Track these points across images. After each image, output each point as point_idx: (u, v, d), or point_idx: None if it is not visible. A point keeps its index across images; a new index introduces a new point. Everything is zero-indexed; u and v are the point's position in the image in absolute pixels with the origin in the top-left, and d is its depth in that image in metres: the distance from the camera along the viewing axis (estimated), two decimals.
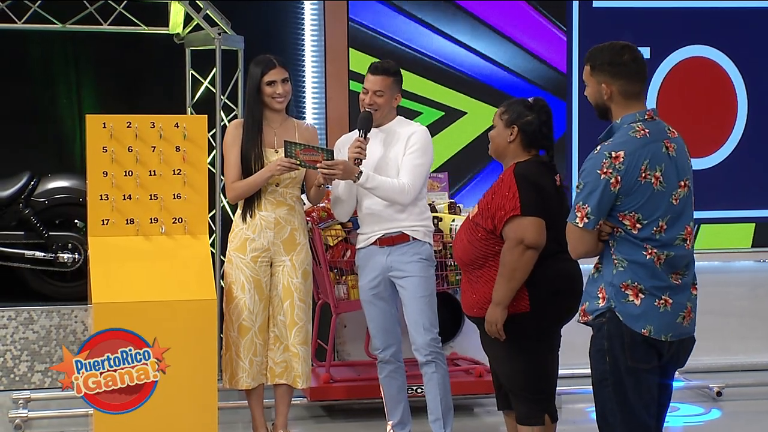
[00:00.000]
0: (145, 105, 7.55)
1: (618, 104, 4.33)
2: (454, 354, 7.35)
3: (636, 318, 4.26)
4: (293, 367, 6.04)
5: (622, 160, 4.20)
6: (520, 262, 4.89)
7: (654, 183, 4.23)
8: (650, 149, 4.24)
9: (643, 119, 4.30)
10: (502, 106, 5.19)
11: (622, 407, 4.30)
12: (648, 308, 4.26)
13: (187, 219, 5.88)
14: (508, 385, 5.12)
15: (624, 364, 4.27)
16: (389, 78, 5.91)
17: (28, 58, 8.07)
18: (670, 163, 4.27)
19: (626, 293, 4.28)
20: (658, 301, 4.27)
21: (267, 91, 5.94)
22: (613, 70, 4.32)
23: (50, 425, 6.73)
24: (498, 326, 4.93)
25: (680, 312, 4.31)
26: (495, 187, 5.04)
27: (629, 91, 4.32)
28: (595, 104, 4.41)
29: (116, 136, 5.80)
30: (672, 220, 4.27)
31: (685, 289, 4.33)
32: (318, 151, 5.75)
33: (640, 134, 4.26)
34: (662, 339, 4.27)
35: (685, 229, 4.32)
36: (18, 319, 7.06)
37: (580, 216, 4.25)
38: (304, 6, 7.78)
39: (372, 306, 6.00)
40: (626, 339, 4.26)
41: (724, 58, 8.11)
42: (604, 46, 4.40)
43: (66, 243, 7.42)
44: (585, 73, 4.42)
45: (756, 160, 8.19)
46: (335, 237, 6.73)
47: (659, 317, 4.26)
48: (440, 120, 7.82)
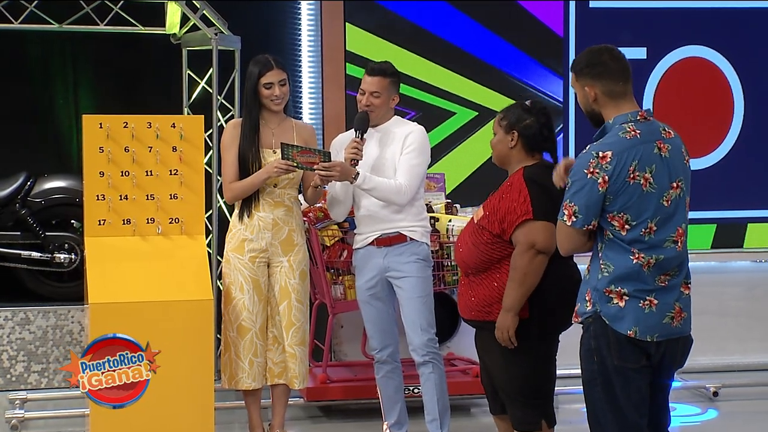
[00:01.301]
0: (142, 105, 7.55)
1: (606, 106, 4.32)
2: (450, 354, 7.35)
3: (620, 320, 4.25)
4: (290, 367, 6.04)
5: (609, 160, 4.19)
6: (531, 266, 4.85)
7: (643, 184, 4.22)
8: (640, 150, 4.23)
9: (635, 120, 4.28)
10: (500, 113, 5.15)
11: (611, 407, 4.30)
12: (632, 310, 4.26)
13: (183, 219, 5.88)
14: (505, 390, 5.07)
15: (611, 363, 4.27)
16: (386, 79, 5.90)
17: (25, 58, 8.07)
18: (662, 164, 4.26)
19: (610, 296, 4.28)
20: (642, 302, 4.26)
21: (264, 93, 5.94)
22: (593, 71, 4.31)
23: (47, 425, 6.73)
24: (510, 332, 4.88)
25: (667, 312, 4.29)
26: (503, 191, 5.00)
27: (613, 90, 4.30)
28: (585, 111, 4.41)
29: (113, 136, 5.80)
30: (662, 221, 4.26)
31: (672, 290, 4.31)
32: (315, 153, 5.75)
33: (630, 135, 4.24)
34: (648, 339, 4.26)
35: (677, 230, 4.30)
36: (14, 319, 7.06)
37: (568, 214, 4.27)
38: (301, 6, 7.79)
39: (369, 306, 6.00)
40: (611, 338, 4.26)
41: (720, 59, 8.12)
42: (584, 52, 4.41)
43: (62, 243, 7.42)
44: (571, 80, 4.43)
45: (752, 161, 8.20)
46: (332, 237, 6.73)
47: (644, 318, 4.26)
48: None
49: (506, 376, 5.04)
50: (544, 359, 5.06)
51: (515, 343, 4.89)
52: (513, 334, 4.88)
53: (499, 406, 5.19)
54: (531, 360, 4.99)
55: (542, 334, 4.99)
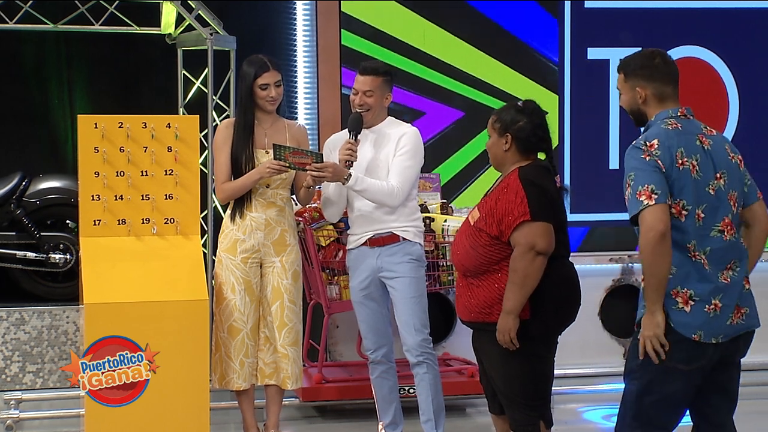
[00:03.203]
0: (138, 105, 7.55)
1: (652, 106, 4.44)
2: (446, 354, 7.35)
3: (687, 325, 4.26)
4: (282, 368, 6.03)
5: (657, 147, 4.26)
6: (532, 268, 4.83)
7: (692, 170, 4.28)
8: (683, 139, 4.32)
9: (676, 116, 4.40)
10: (493, 115, 5.12)
11: (641, 402, 4.31)
12: (698, 314, 4.27)
13: (178, 219, 5.88)
14: (504, 392, 5.05)
15: (661, 362, 4.25)
16: (378, 78, 5.90)
17: (21, 58, 8.07)
18: (705, 156, 4.34)
19: (676, 300, 4.28)
20: (708, 306, 4.28)
21: (260, 94, 5.93)
22: (646, 73, 4.43)
23: (41, 426, 6.72)
24: (511, 335, 4.86)
25: (730, 313, 4.32)
26: (499, 192, 4.96)
27: (663, 92, 4.43)
28: (631, 110, 4.50)
29: (108, 136, 5.80)
30: (708, 209, 4.30)
31: (735, 287, 4.34)
32: (307, 154, 5.74)
33: (672, 126, 4.34)
34: (713, 342, 4.30)
35: (723, 220, 4.33)
36: (9, 319, 7.05)
37: (647, 195, 4.20)
38: (296, 6, 7.78)
39: (363, 307, 6.00)
40: (670, 338, 4.25)
41: (715, 59, 8.11)
42: (635, 53, 4.52)
43: (58, 243, 7.41)
44: (619, 81, 4.51)
45: (747, 161, 8.17)
46: (327, 237, 6.72)
47: (709, 322, 4.28)
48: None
49: (505, 378, 5.02)
50: (542, 361, 5.04)
51: (517, 345, 4.88)
52: (514, 337, 4.87)
53: (498, 405, 5.18)
54: (530, 361, 4.97)
55: (541, 335, 4.98)
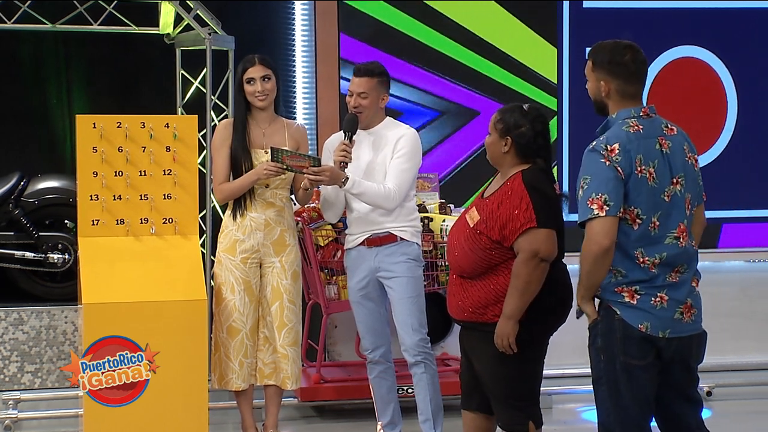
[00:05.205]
0: (136, 105, 7.54)
1: (615, 101, 4.39)
2: (444, 354, 7.36)
3: (632, 315, 4.27)
4: (282, 368, 6.03)
5: (618, 152, 4.23)
6: (535, 274, 4.80)
7: (648, 178, 4.25)
8: (643, 144, 4.28)
9: (638, 116, 4.35)
10: (497, 113, 5.05)
11: (615, 406, 4.31)
12: (644, 305, 4.28)
13: (177, 219, 5.87)
14: (494, 392, 5.03)
15: (619, 361, 4.28)
16: (373, 79, 5.89)
17: (19, 58, 8.06)
18: (663, 161, 4.30)
19: (622, 294, 4.29)
20: (653, 299, 4.29)
21: (247, 89, 5.94)
22: (612, 69, 4.38)
23: (40, 426, 6.72)
24: (510, 339, 4.84)
25: (677, 308, 4.32)
26: (501, 196, 4.89)
27: (626, 90, 4.38)
28: (594, 99, 4.47)
29: (106, 136, 5.80)
30: (663, 216, 4.29)
31: (683, 285, 4.35)
32: (304, 158, 5.72)
33: (633, 129, 4.30)
34: (660, 336, 4.28)
35: (678, 226, 4.32)
36: (8, 319, 7.05)
37: (599, 205, 4.21)
38: (294, 6, 7.78)
39: (361, 307, 6.00)
40: (619, 335, 4.27)
41: (714, 59, 8.11)
42: (608, 43, 4.45)
43: (56, 243, 7.40)
44: (587, 67, 4.48)
45: (745, 161, 8.20)
46: (326, 237, 6.72)
47: (656, 313, 4.28)
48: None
49: (496, 379, 5.00)
50: (533, 362, 5.02)
51: (515, 350, 4.86)
52: (513, 341, 4.85)
53: (474, 402, 5.13)
54: (521, 363, 4.95)
55: (534, 337, 4.95)
